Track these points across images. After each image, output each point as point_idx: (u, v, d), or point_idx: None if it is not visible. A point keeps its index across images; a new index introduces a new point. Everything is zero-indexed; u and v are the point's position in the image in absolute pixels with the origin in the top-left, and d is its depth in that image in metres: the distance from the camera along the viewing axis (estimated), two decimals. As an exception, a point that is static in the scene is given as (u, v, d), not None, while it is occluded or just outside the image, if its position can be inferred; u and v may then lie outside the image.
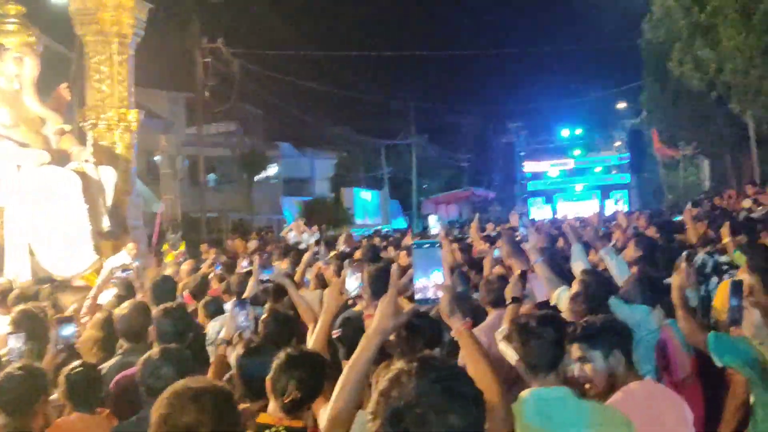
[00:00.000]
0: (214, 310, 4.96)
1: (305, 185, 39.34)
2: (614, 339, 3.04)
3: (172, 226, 19.56)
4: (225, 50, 20.39)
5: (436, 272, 2.15)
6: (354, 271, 2.91)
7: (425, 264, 2.16)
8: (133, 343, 4.12)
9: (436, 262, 2.15)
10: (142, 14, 12.60)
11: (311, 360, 2.66)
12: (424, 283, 2.15)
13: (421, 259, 2.17)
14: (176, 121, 28.68)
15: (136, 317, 4.14)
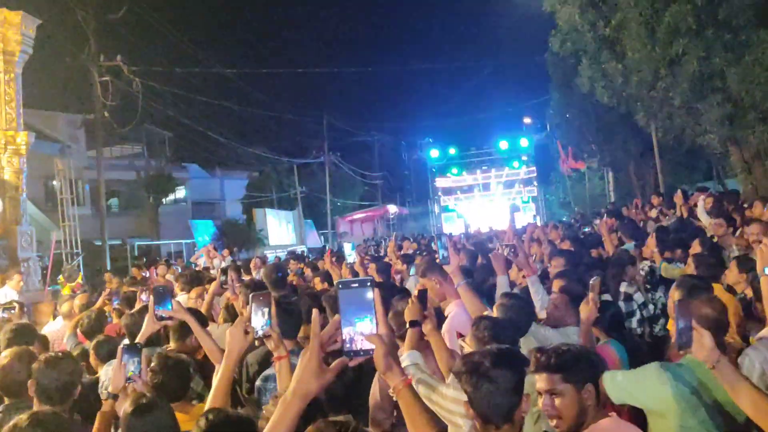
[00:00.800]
0: (107, 353, 4.34)
1: (216, 207, 38.25)
2: (588, 371, 2.71)
3: (72, 255, 18.35)
4: (124, 68, 19.41)
5: (367, 319, 1.80)
6: (260, 305, 2.49)
7: (353, 308, 1.80)
8: (15, 399, 3.51)
9: (367, 306, 1.79)
10: (30, 30, 11.79)
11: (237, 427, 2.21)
12: (353, 332, 1.80)
13: (349, 302, 1.80)
14: (76, 144, 27.27)
15: (18, 368, 3.53)
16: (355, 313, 1.79)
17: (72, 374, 3.24)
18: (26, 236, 11.69)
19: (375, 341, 1.78)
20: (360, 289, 1.80)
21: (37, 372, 3.21)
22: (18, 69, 11.74)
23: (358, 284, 1.82)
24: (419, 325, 3.38)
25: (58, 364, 3.22)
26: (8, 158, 11.60)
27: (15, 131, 11.64)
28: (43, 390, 3.18)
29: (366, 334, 1.78)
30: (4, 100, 11.55)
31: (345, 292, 1.81)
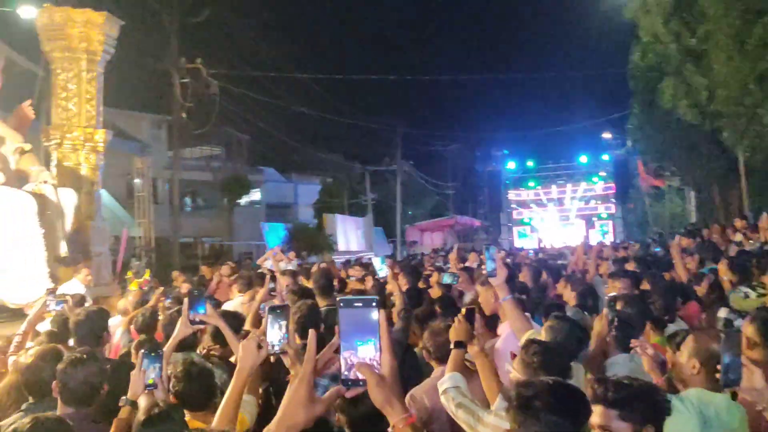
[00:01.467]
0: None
1: (288, 211, 38.78)
2: (650, 411, 2.40)
3: (145, 251, 18.88)
4: (204, 70, 19.88)
5: (371, 343, 1.60)
6: (277, 318, 2.31)
7: (355, 330, 1.59)
8: (38, 399, 3.42)
9: (371, 328, 1.59)
10: (112, 31, 12.13)
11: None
12: (353, 358, 1.59)
13: (351, 322, 1.59)
14: (158, 143, 28.15)
15: (43, 368, 3.44)
16: (358, 336, 1.59)
17: (97, 375, 3.15)
18: (99, 231, 12.00)
19: (365, 371, 1.57)
20: (364, 309, 1.59)
21: (61, 373, 3.13)
22: (100, 68, 12.10)
23: (362, 303, 1.60)
24: (464, 346, 3.16)
25: (83, 365, 3.14)
26: (86, 155, 11.96)
27: (94, 129, 12.00)
28: (67, 391, 3.10)
29: (359, 364, 1.58)
30: (85, 99, 11.92)
31: (347, 311, 1.60)
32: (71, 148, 11.85)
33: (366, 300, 1.60)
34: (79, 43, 11.75)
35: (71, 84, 11.85)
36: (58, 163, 11.79)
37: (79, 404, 3.06)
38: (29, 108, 11.16)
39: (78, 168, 11.90)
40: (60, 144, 11.79)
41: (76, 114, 11.88)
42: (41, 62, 12.24)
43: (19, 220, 9.40)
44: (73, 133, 11.81)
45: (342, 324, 1.59)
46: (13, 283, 9.34)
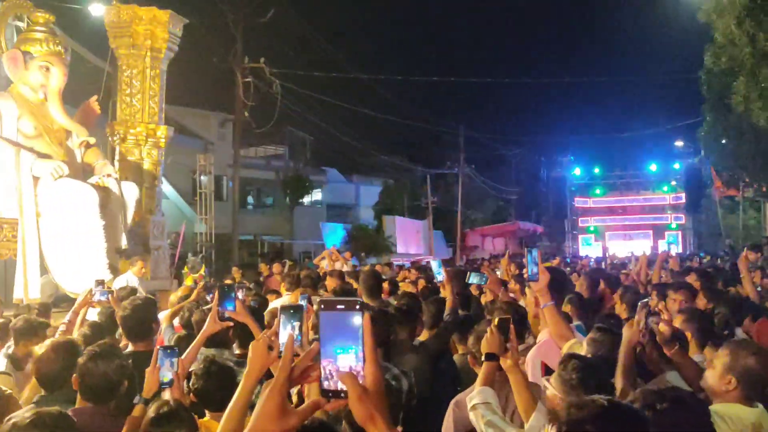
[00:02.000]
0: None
1: (349, 212, 38.95)
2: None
3: (206, 247, 19.23)
4: (267, 70, 20.11)
5: (352, 351, 1.45)
6: (289, 318, 2.18)
7: (336, 336, 1.42)
8: (50, 392, 3.37)
9: (353, 335, 1.43)
10: (177, 29, 12.34)
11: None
12: (333, 367, 1.43)
13: (331, 327, 1.43)
14: (223, 142, 28.69)
15: (55, 360, 3.38)
16: (338, 343, 1.43)
17: (116, 371, 3.08)
18: (158, 226, 12.24)
19: (347, 381, 1.41)
20: (346, 312, 1.42)
21: (81, 367, 3.07)
22: (163, 66, 12.34)
23: (345, 306, 1.43)
24: (497, 358, 2.97)
25: (102, 360, 3.07)
26: (148, 150, 12.20)
27: (156, 125, 12.24)
28: (85, 386, 3.03)
29: (340, 373, 1.42)
30: (149, 95, 12.17)
31: (328, 315, 1.43)
32: (134, 143, 12.11)
33: (348, 302, 1.44)
34: (144, 40, 12.00)
35: (135, 80, 12.11)
36: (121, 158, 12.06)
37: (97, 400, 2.99)
38: (95, 103, 11.48)
39: (140, 163, 12.15)
40: (124, 139, 12.06)
41: (139, 110, 12.14)
42: (108, 59, 12.53)
43: (82, 212, 9.65)
44: (137, 128, 12.06)
45: (322, 328, 1.43)
46: (74, 273, 9.59)
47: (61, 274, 9.67)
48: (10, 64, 9.97)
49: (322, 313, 1.44)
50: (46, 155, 9.92)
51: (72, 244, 9.60)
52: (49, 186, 9.55)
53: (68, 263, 9.64)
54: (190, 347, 3.42)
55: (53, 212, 9.57)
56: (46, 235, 9.57)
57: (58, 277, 9.68)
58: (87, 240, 9.63)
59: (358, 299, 1.49)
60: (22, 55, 9.94)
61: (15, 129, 9.86)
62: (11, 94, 10.00)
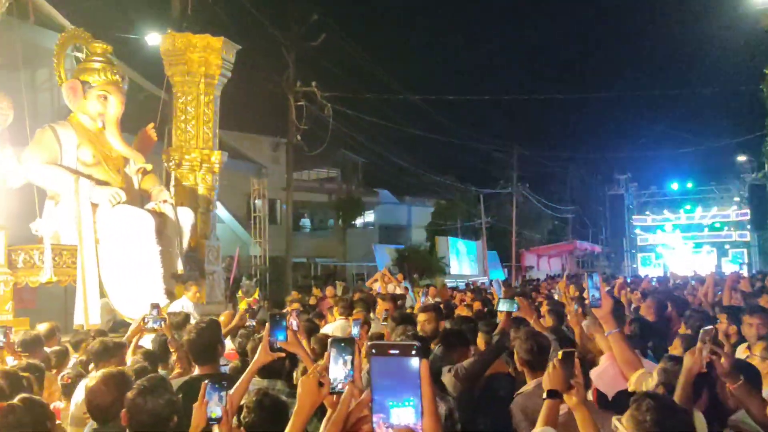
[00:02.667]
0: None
1: (402, 233, 38.83)
2: None
3: (260, 271, 19.35)
4: (318, 94, 20.28)
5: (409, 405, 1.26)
6: (341, 352, 2.01)
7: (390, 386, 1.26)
8: (100, 425, 3.32)
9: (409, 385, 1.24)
10: (229, 55, 12.50)
11: None
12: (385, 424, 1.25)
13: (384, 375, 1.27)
14: (276, 165, 29.02)
15: (106, 392, 3.31)
16: (392, 394, 1.26)
17: (165, 407, 2.98)
18: (213, 250, 12.33)
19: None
20: (401, 358, 1.27)
21: (129, 402, 2.98)
22: (217, 92, 12.51)
23: (399, 351, 1.28)
24: (560, 396, 2.73)
25: (151, 395, 2.97)
26: (202, 175, 12.34)
27: (210, 150, 12.39)
28: (134, 422, 2.93)
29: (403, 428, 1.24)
30: (203, 121, 12.34)
31: (380, 361, 1.27)
32: (189, 168, 12.27)
33: (404, 347, 1.27)
34: (198, 67, 12.19)
35: (190, 107, 12.30)
36: (177, 183, 12.22)
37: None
38: (152, 130, 11.67)
39: (195, 188, 12.29)
40: (179, 165, 12.23)
41: (194, 136, 12.31)
42: (164, 86, 12.77)
43: (139, 238, 9.75)
44: (191, 154, 12.23)
45: (374, 376, 1.26)
46: (131, 298, 9.67)
47: (119, 299, 9.76)
48: (70, 93, 10.21)
49: (374, 359, 1.27)
50: (105, 182, 10.08)
51: (129, 270, 9.70)
52: (107, 213, 9.69)
53: (125, 289, 9.73)
54: (241, 379, 3.29)
55: (111, 239, 9.69)
56: (105, 261, 9.68)
57: (115, 303, 9.77)
58: (144, 265, 9.71)
59: (414, 343, 1.32)
60: (81, 84, 10.16)
61: (74, 157, 10.06)
62: (71, 123, 10.22)
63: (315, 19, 20.33)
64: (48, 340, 6.38)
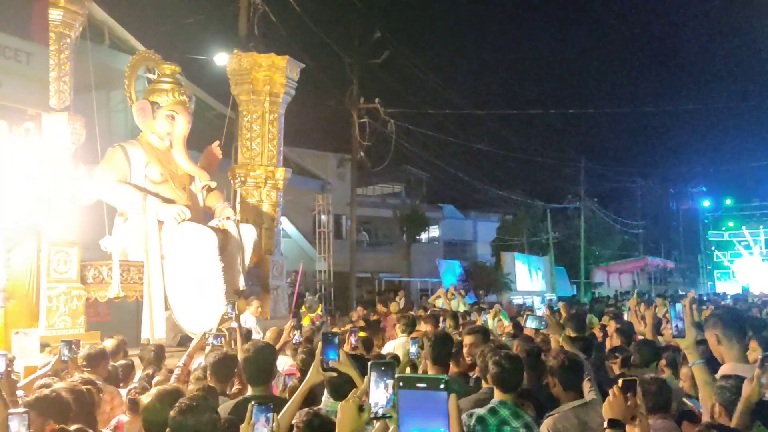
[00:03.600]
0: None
1: (466, 248, 38.53)
2: None
3: (325, 286, 19.50)
4: (381, 110, 20.40)
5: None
6: (381, 375, 1.90)
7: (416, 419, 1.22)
8: None
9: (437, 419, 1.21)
10: (294, 74, 12.70)
11: None
12: None
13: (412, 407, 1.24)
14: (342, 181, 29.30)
15: (160, 409, 3.30)
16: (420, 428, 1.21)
17: (208, 425, 2.96)
18: (277, 266, 12.47)
19: None
20: (429, 392, 1.22)
21: (172, 420, 2.99)
22: (281, 110, 12.72)
23: (427, 384, 1.24)
24: (622, 426, 2.56)
25: (193, 413, 2.96)
26: (267, 192, 12.53)
27: (275, 167, 12.57)
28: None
29: None
30: (267, 139, 12.55)
31: (407, 394, 1.24)
32: (254, 185, 12.48)
33: (432, 380, 1.23)
34: (263, 86, 12.42)
35: (255, 125, 12.52)
36: (242, 200, 12.43)
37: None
38: (217, 148, 11.92)
39: (260, 204, 12.49)
40: (244, 182, 12.45)
41: (259, 153, 12.52)
42: (230, 105, 13.07)
43: (202, 254, 9.94)
44: (256, 171, 12.43)
45: (401, 409, 1.22)
46: (195, 314, 9.85)
47: (183, 314, 9.95)
48: (139, 114, 10.54)
49: (402, 392, 1.23)
50: (171, 200, 10.33)
51: (192, 286, 9.88)
52: (172, 230, 9.92)
53: (189, 304, 9.92)
54: (292, 399, 3.26)
55: (176, 255, 9.90)
56: (170, 277, 9.90)
57: (180, 318, 9.97)
58: (206, 281, 9.87)
59: (442, 377, 1.27)
60: (149, 105, 10.48)
61: (143, 175, 10.36)
62: (140, 143, 10.54)
63: (378, 37, 20.49)
64: (115, 355, 6.53)
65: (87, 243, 9.76)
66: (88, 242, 9.82)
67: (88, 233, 9.78)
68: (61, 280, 8.87)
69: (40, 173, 8.65)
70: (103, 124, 10.92)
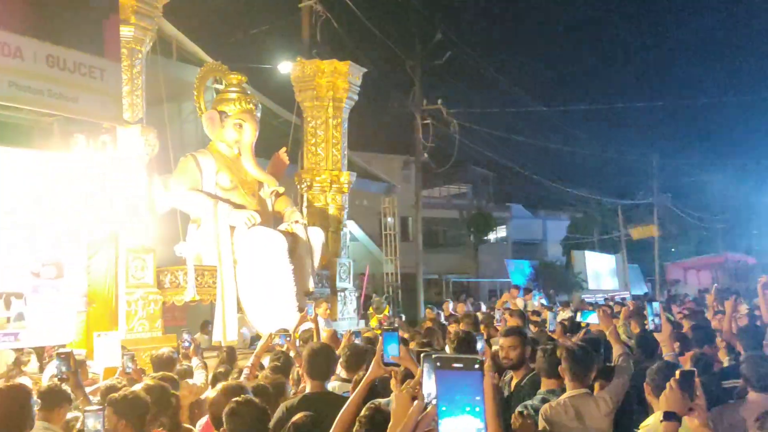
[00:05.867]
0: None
1: (536, 248, 37.96)
2: None
3: (392, 288, 19.60)
4: (444, 111, 20.36)
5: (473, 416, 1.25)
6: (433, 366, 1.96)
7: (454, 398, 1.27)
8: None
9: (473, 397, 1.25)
10: (356, 78, 12.88)
11: None
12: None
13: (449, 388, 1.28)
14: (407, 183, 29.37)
15: (225, 404, 3.36)
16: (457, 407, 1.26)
17: (257, 421, 3.07)
18: (344, 268, 12.65)
19: None
20: (465, 372, 1.27)
21: (226, 416, 3.11)
22: (345, 114, 12.91)
23: (463, 365, 1.28)
24: (679, 418, 2.51)
25: (243, 409, 3.08)
26: (332, 196, 12.75)
27: (339, 171, 12.78)
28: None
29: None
30: (332, 143, 12.76)
31: (444, 374, 1.29)
32: (320, 189, 12.71)
33: (467, 361, 1.27)
34: (327, 92, 12.64)
35: (320, 130, 12.75)
36: (308, 204, 12.69)
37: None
38: (284, 154, 12.20)
39: (326, 208, 12.71)
40: (310, 186, 12.69)
41: (324, 158, 12.75)
42: (294, 111, 13.34)
43: (272, 257, 10.20)
44: (322, 175, 12.66)
45: (439, 390, 1.27)
46: (266, 315, 10.11)
47: (255, 316, 10.23)
48: (209, 123, 10.89)
49: (439, 372, 1.28)
50: (241, 206, 10.64)
51: (264, 288, 10.14)
52: (243, 234, 10.21)
53: (261, 306, 10.18)
54: (354, 393, 3.34)
55: (247, 259, 10.19)
56: (242, 281, 10.19)
57: (252, 320, 10.26)
58: (277, 284, 10.12)
59: (477, 357, 1.32)
60: (218, 114, 10.82)
61: (214, 183, 10.71)
62: (210, 151, 10.89)
63: (439, 38, 20.48)
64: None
65: (163, 249, 10.14)
66: (164, 249, 10.19)
67: (163, 240, 10.16)
68: (139, 285, 9.25)
69: (116, 184, 9.05)
70: (174, 135, 11.32)
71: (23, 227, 8.00)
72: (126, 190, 9.18)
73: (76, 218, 8.48)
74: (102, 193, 8.82)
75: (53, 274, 8.03)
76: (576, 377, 3.98)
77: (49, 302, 7.92)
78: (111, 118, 9.10)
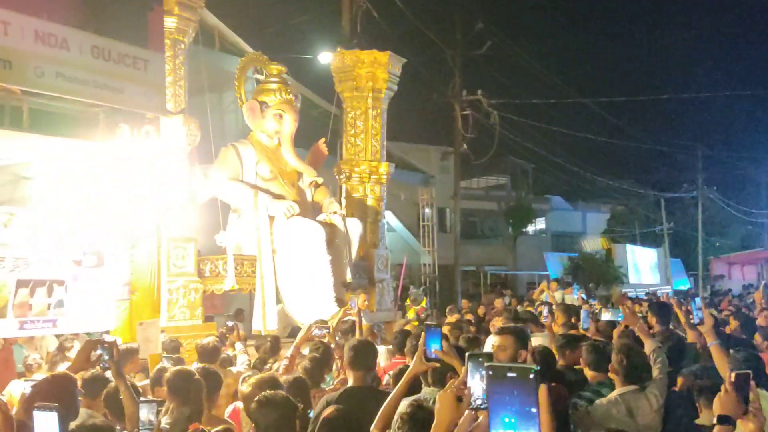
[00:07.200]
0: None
1: (576, 240, 37.45)
2: None
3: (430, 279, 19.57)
4: (484, 102, 20.17)
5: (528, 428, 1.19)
6: (478, 366, 1.92)
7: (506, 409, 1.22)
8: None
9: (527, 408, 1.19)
10: (395, 69, 12.80)
11: None
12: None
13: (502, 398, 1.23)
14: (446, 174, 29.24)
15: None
16: (510, 416, 1.20)
17: (285, 417, 3.07)
18: (382, 259, 12.63)
19: None
20: (519, 381, 1.20)
21: (253, 412, 3.12)
22: (384, 105, 12.84)
23: (517, 374, 1.22)
24: (733, 422, 2.42)
25: (270, 404, 3.07)
26: (371, 186, 12.71)
27: (378, 162, 12.73)
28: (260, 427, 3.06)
29: None
30: (371, 134, 12.71)
31: (497, 383, 1.23)
32: (359, 180, 12.69)
33: (521, 370, 1.21)
34: (366, 82, 12.59)
35: (359, 121, 12.72)
36: (347, 195, 12.69)
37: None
38: (323, 145, 12.21)
39: (364, 199, 12.69)
40: (349, 177, 12.68)
41: (363, 149, 12.72)
42: (334, 102, 13.34)
43: (311, 248, 10.22)
44: (361, 166, 12.64)
45: (491, 399, 1.21)
46: (305, 305, 10.15)
47: (294, 306, 10.27)
48: (249, 114, 10.94)
49: (492, 380, 1.23)
50: (280, 196, 10.67)
51: (302, 279, 10.18)
52: (282, 224, 10.25)
53: (299, 296, 10.22)
54: (395, 389, 3.32)
55: (286, 249, 10.23)
56: (281, 271, 10.24)
57: (291, 310, 10.30)
58: (315, 274, 10.14)
59: (532, 367, 1.25)
60: (258, 105, 10.85)
61: (254, 173, 10.76)
62: (250, 142, 10.95)
63: (480, 28, 20.26)
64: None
65: (204, 239, 10.26)
66: (204, 238, 10.31)
67: (204, 230, 10.28)
68: (180, 274, 9.37)
69: (159, 173, 9.17)
70: (216, 125, 11.40)
71: (68, 216, 8.15)
72: (168, 179, 9.30)
73: (119, 207, 8.62)
74: (145, 183, 8.94)
75: (93, 262, 8.16)
76: (629, 376, 4.03)
77: (88, 291, 8.04)
78: (154, 109, 9.21)
